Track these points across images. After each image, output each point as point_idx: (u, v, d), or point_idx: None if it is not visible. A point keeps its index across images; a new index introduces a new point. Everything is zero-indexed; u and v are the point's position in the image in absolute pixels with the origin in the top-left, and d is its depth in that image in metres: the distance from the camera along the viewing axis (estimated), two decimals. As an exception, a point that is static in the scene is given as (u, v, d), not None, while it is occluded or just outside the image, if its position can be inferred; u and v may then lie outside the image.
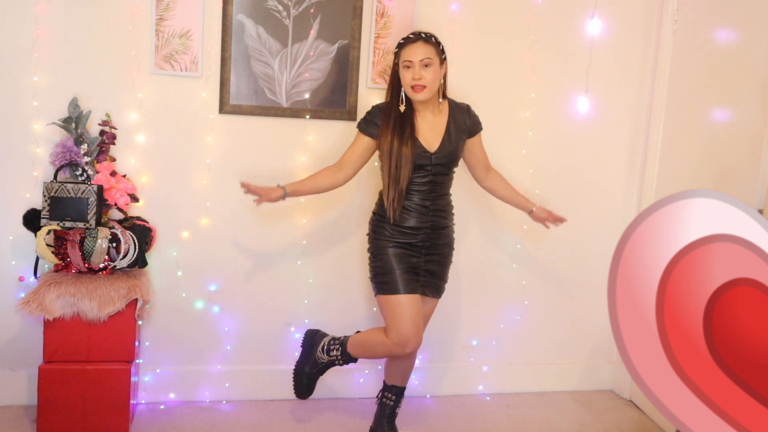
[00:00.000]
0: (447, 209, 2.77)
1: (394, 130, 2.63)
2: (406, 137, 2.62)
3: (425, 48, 2.59)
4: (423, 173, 2.66)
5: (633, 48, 3.39)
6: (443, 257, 2.78)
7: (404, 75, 2.62)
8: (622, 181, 3.50)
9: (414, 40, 2.61)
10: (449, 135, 2.69)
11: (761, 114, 2.68)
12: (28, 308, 2.63)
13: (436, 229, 2.71)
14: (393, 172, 2.62)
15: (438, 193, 2.71)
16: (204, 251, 3.11)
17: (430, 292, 2.76)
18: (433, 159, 2.65)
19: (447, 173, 2.73)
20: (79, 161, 2.79)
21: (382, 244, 2.69)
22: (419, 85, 2.58)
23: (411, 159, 2.61)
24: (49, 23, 2.84)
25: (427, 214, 2.68)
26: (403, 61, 2.61)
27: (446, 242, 2.78)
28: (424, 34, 2.63)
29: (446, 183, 2.75)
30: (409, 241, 2.68)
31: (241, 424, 3.01)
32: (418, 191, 2.67)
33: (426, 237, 2.70)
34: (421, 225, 2.68)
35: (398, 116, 2.65)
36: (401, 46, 2.64)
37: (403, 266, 2.67)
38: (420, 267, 2.70)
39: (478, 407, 3.33)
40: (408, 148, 2.61)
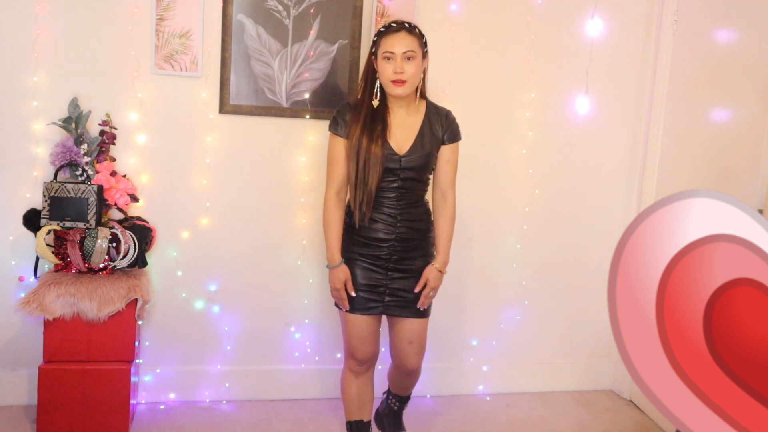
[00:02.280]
0: (421, 219, 2.51)
1: (364, 127, 2.40)
2: (377, 135, 2.39)
3: (409, 39, 2.37)
4: (392, 178, 2.43)
5: (633, 48, 3.39)
6: (411, 275, 2.50)
7: (384, 67, 2.37)
8: (622, 181, 3.50)
9: (396, 30, 2.38)
10: (422, 138, 2.44)
11: (761, 114, 2.68)
12: (28, 308, 2.63)
13: (405, 242, 2.47)
14: (361, 173, 2.39)
15: (408, 201, 2.47)
16: (204, 251, 3.11)
17: (400, 312, 2.51)
18: (402, 163, 2.41)
19: (419, 179, 2.48)
20: (79, 161, 2.79)
21: (346, 257, 2.49)
22: (400, 80, 2.35)
23: (381, 159, 2.38)
24: (49, 23, 2.84)
25: (395, 225, 2.45)
26: (383, 51, 2.37)
27: (419, 256, 2.50)
28: (407, 23, 2.40)
29: (418, 190, 2.50)
30: (375, 253, 2.46)
31: (241, 424, 3.01)
32: (386, 198, 2.44)
33: (392, 251, 2.46)
34: (387, 237, 2.45)
35: (369, 112, 2.42)
36: (381, 34, 2.40)
37: (363, 284, 2.47)
38: (384, 285, 2.48)
39: (478, 407, 3.33)
40: (378, 147, 2.38)
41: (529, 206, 3.40)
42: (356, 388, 2.62)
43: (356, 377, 2.61)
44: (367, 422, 2.66)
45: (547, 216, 3.43)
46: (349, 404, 2.65)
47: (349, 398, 2.64)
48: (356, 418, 2.64)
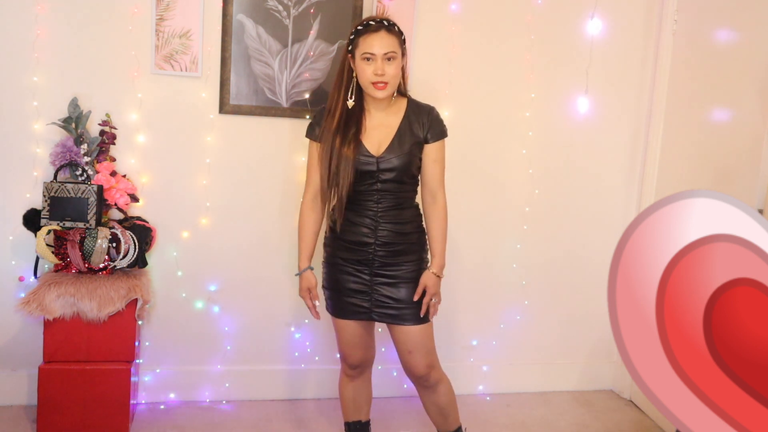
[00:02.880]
0: (407, 222, 2.40)
1: (338, 130, 2.31)
2: (350, 137, 2.30)
3: (389, 39, 2.24)
4: (370, 181, 2.32)
5: (633, 48, 3.39)
6: (399, 280, 2.38)
7: (363, 69, 2.25)
8: (622, 181, 3.49)
9: (376, 29, 2.25)
10: (399, 138, 2.33)
11: (761, 114, 2.67)
12: (28, 308, 2.63)
13: (387, 246, 2.36)
14: (333, 176, 2.31)
15: (390, 204, 2.36)
16: (204, 251, 3.11)
17: (391, 320, 2.40)
18: (379, 164, 2.31)
19: (401, 181, 2.35)
20: (79, 161, 2.78)
21: (333, 261, 2.44)
22: (381, 82, 2.25)
23: (352, 161, 2.28)
24: (49, 23, 2.84)
25: (375, 228, 2.35)
26: (362, 52, 2.24)
27: (406, 262, 2.39)
28: (386, 21, 2.27)
29: (402, 192, 2.38)
30: (357, 257, 2.38)
31: (241, 424, 3.01)
32: (367, 201, 2.35)
33: (374, 255, 2.36)
34: (368, 240, 2.35)
35: (344, 113, 2.32)
36: (359, 33, 2.27)
37: (348, 288, 2.40)
38: (369, 290, 2.39)
39: (478, 407, 3.33)
40: (350, 150, 2.28)
41: (529, 206, 3.40)
42: (352, 390, 2.61)
43: (351, 380, 2.60)
44: (365, 422, 2.66)
45: (547, 216, 3.43)
46: (345, 407, 2.64)
47: (345, 401, 2.63)
48: (354, 419, 2.64)
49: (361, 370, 2.58)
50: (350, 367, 2.55)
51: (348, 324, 2.47)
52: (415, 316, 2.39)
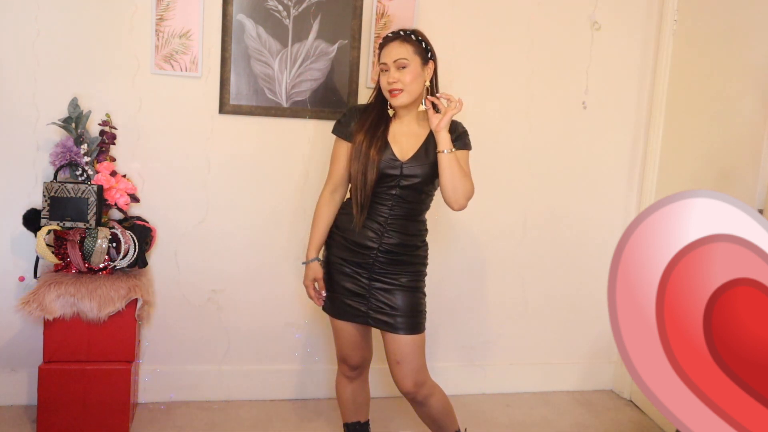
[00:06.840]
0: (413, 235, 2.43)
1: (368, 131, 2.38)
2: (377, 139, 2.36)
3: (400, 48, 2.33)
4: (390, 184, 2.37)
5: (633, 48, 3.39)
6: (395, 287, 2.39)
7: (381, 78, 2.38)
8: (622, 181, 3.50)
9: (390, 40, 2.36)
10: (426, 147, 2.38)
11: (761, 114, 2.68)
12: (28, 308, 2.63)
13: (389, 254, 2.38)
14: (360, 176, 2.36)
15: (402, 213, 2.39)
16: (204, 251, 3.11)
17: (385, 327, 2.40)
18: (403, 169, 2.35)
19: (419, 190, 2.39)
20: (79, 161, 2.78)
21: (332, 260, 2.47)
22: (396, 89, 2.32)
23: (377, 163, 2.33)
24: (49, 23, 2.84)
25: (383, 234, 2.38)
26: (380, 64, 2.38)
27: (404, 272, 2.41)
28: (403, 32, 2.36)
29: (417, 203, 2.41)
30: (356, 260, 2.41)
31: (241, 424, 3.01)
32: (381, 205, 2.38)
33: (375, 260, 2.39)
34: (372, 245, 2.38)
35: (376, 118, 2.41)
36: (381, 46, 2.40)
37: (345, 288, 2.43)
38: (366, 294, 2.41)
39: (478, 407, 3.33)
40: (375, 151, 2.34)
41: (529, 206, 3.40)
42: (351, 391, 2.61)
43: (350, 381, 2.60)
44: (365, 422, 2.66)
45: (547, 216, 3.43)
46: (345, 408, 2.64)
47: (344, 402, 2.63)
48: (353, 420, 2.64)
49: (360, 370, 2.59)
50: (351, 368, 2.56)
51: (348, 326, 2.48)
52: (407, 326, 2.39)
